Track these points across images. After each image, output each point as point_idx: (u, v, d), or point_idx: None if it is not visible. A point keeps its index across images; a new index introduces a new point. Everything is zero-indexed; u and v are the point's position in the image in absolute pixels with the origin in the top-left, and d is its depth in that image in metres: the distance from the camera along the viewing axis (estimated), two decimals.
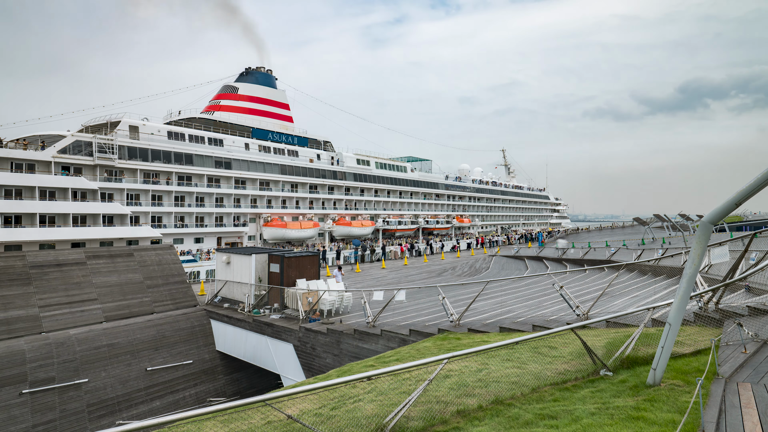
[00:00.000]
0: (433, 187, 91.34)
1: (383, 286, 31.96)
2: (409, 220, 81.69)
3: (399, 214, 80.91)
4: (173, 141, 54.21)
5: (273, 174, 63.23)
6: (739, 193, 6.46)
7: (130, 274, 26.86)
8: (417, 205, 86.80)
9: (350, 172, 73.52)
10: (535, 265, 41.28)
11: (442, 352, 13.29)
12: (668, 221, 61.98)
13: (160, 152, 52.44)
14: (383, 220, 74.92)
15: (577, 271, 29.69)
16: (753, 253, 14.51)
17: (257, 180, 61.96)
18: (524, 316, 18.29)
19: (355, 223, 69.95)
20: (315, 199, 69.14)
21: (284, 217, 62.48)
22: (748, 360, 8.87)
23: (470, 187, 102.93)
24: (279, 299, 25.09)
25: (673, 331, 7.66)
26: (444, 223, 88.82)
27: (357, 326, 20.01)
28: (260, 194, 62.11)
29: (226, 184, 58.99)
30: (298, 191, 66.38)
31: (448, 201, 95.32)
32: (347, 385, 7.93)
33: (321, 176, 69.32)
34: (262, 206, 62.59)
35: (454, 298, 21.35)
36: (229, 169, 58.68)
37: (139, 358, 23.48)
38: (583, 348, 9.62)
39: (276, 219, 60.91)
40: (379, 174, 78.33)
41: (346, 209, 72.46)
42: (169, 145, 53.54)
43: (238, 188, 59.89)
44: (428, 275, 39.15)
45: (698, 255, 7.26)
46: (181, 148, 54.45)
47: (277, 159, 64.17)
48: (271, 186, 63.92)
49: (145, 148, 51.15)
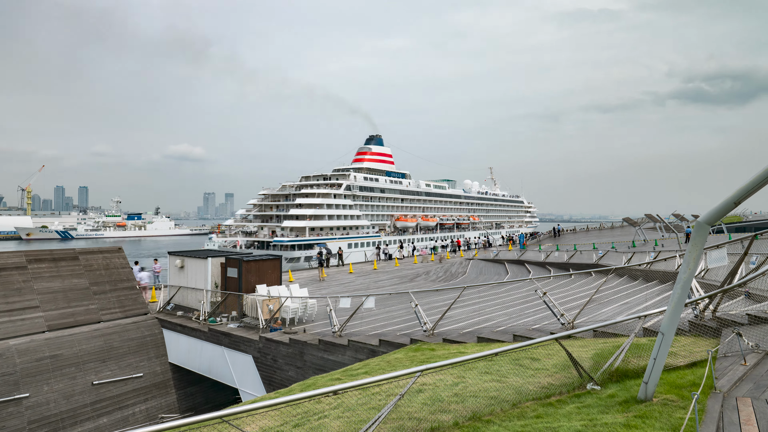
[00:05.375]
0: (458, 197, 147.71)
1: (351, 292, 31.45)
2: (449, 219, 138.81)
3: (443, 215, 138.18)
4: (368, 181, 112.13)
5: (394, 194, 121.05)
6: (739, 190, 6.23)
7: (75, 280, 25.94)
8: (451, 209, 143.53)
9: (422, 191, 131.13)
10: (516, 269, 41.33)
11: (415, 364, 13.07)
12: (661, 222, 62.15)
13: (365, 186, 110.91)
14: (438, 219, 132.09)
15: (562, 276, 29.76)
16: (753, 256, 14.51)
17: (394, 197, 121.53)
18: (504, 324, 18.17)
19: (429, 219, 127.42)
20: (410, 206, 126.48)
21: (407, 215, 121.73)
22: (748, 373, 8.73)
23: (475, 197, 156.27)
24: (237, 307, 24.68)
25: (666, 341, 7.51)
26: (466, 219, 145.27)
27: (322, 336, 19.72)
28: (394, 204, 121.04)
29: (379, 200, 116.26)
30: (403, 203, 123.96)
31: (467, 206, 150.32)
32: (311, 400, 7.75)
33: (413, 194, 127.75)
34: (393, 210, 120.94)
35: (427, 305, 21.07)
36: (383, 193, 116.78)
37: (84, 370, 22.72)
38: (568, 360, 9.47)
39: (401, 217, 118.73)
40: (434, 191, 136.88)
41: (423, 212, 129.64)
42: (366, 183, 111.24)
43: (383, 201, 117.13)
44: (400, 281, 38.75)
45: (694, 258, 7.12)
46: (373, 185, 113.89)
47: (395, 186, 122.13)
48: (395, 201, 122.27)
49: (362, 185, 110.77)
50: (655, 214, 64.82)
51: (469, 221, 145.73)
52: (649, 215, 67.94)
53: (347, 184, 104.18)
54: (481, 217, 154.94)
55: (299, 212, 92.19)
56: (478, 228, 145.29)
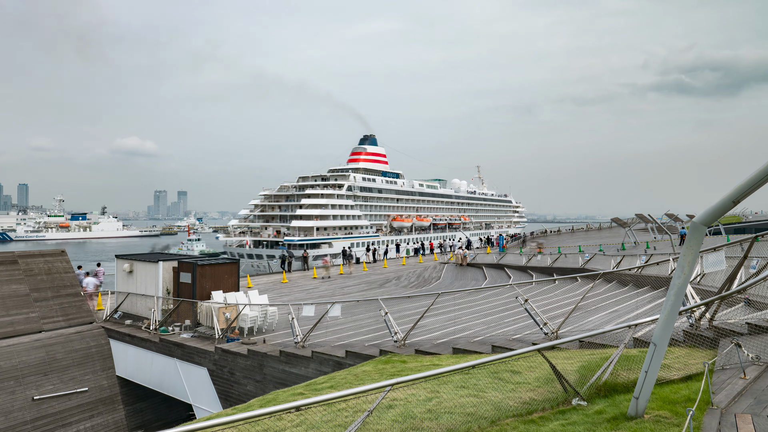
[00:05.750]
0: (449, 197, 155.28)
1: (315, 299, 30.88)
2: (442, 218, 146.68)
3: (436, 215, 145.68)
4: (365, 182, 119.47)
5: (390, 194, 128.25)
6: (738, 188, 6.04)
7: (14, 286, 25.06)
8: (443, 209, 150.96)
9: (416, 191, 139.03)
10: (495, 274, 41.29)
11: (385, 377, 12.92)
12: (653, 222, 62.05)
13: (364, 187, 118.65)
14: (432, 218, 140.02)
15: (545, 282, 29.72)
16: (754, 260, 14.50)
17: (390, 198, 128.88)
18: (482, 334, 18.04)
19: (424, 219, 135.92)
20: (405, 206, 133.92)
21: (402, 215, 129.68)
22: (748, 387, 8.47)
23: (465, 197, 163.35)
24: (191, 315, 24.21)
25: (658, 352, 7.37)
26: (457, 220, 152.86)
27: (284, 347, 19.44)
28: (390, 204, 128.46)
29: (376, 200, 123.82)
30: (398, 203, 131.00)
31: (458, 206, 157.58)
32: (272, 416, 7.54)
33: (407, 194, 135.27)
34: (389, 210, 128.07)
35: (399, 313, 20.87)
36: (380, 193, 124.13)
37: (24, 384, 22.11)
38: (551, 373, 9.34)
39: (397, 217, 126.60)
40: (427, 191, 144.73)
41: (416, 212, 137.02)
42: (365, 184, 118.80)
43: (380, 201, 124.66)
44: (368, 286, 38.19)
45: (689, 262, 6.97)
46: (371, 185, 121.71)
47: (391, 186, 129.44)
48: (391, 201, 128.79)
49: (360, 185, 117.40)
50: (646, 214, 64.48)
51: (460, 221, 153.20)
52: (640, 215, 66.78)
53: (348, 185, 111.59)
54: (471, 217, 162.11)
55: (306, 212, 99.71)
56: (468, 228, 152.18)
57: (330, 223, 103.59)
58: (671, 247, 45.04)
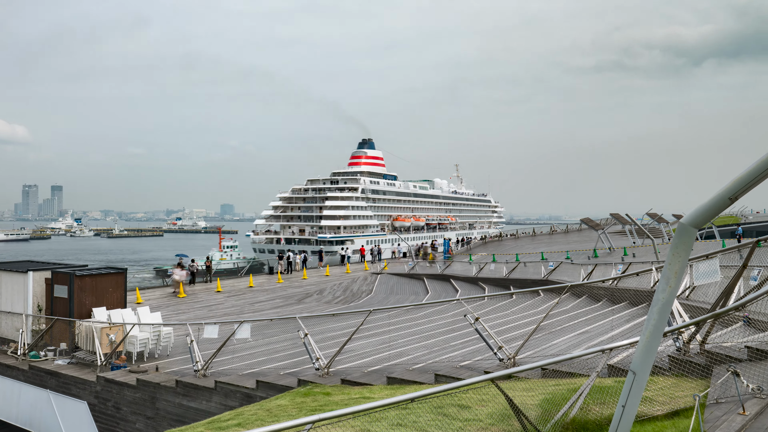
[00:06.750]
0: (437, 197, 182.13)
1: (219, 317, 30.29)
2: (432, 219, 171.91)
3: (428, 215, 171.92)
4: (372, 184, 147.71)
5: (391, 195, 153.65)
6: (734, 182, 5.22)
7: None
8: (434, 209, 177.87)
9: (410, 192, 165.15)
10: (439, 287, 41.49)
11: (305, 413, 12.59)
12: (632, 223, 61.98)
13: (372, 189, 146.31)
14: (425, 218, 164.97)
15: (501, 297, 29.99)
16: (755, 269, 14.65)
17: (392, 199, 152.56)
18: (423, 360, 17.84)
19: (419, 219, 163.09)
20: (403, 207, 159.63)
21: (402, 215, 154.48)
22: (749, 424, 7.99)
23: (450, 197, 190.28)
24: (68, 337, 23.44)
25: (638, 382, 7.00)
26: (445, 220, 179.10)
27: (181, 376, 18.96)
28: (391, 205, 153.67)
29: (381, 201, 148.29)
30: (398, 203, 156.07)
31: (444, 206, 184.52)
32: None
33: (405, 195, 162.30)
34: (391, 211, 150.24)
35: (321, 335, 20.58)
36: (384, 195, 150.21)
37: None
38: (508, 407, 8.97)
39: (399, 217, 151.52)
40: (420, 192, 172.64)
41: (412, 212, 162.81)
42: (372, 186, 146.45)
43: (386, 202, 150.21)
44: (284, 302, 37.06)
45: (675, 273, 6.67)
46: (377, 188, 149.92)
47: (391, 188, 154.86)
48: (392, 201, 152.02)
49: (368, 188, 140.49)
50: (623, 214, 64.99)
51: (447, 221, 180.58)
52: (616, 215, 63.45)
53: (362, 188, 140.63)
54: (456, 217, 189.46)
55: (332, 213, 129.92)
56: (455, 228, 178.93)
57: (351, 222, 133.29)
58: (654, 254, 44.60)
